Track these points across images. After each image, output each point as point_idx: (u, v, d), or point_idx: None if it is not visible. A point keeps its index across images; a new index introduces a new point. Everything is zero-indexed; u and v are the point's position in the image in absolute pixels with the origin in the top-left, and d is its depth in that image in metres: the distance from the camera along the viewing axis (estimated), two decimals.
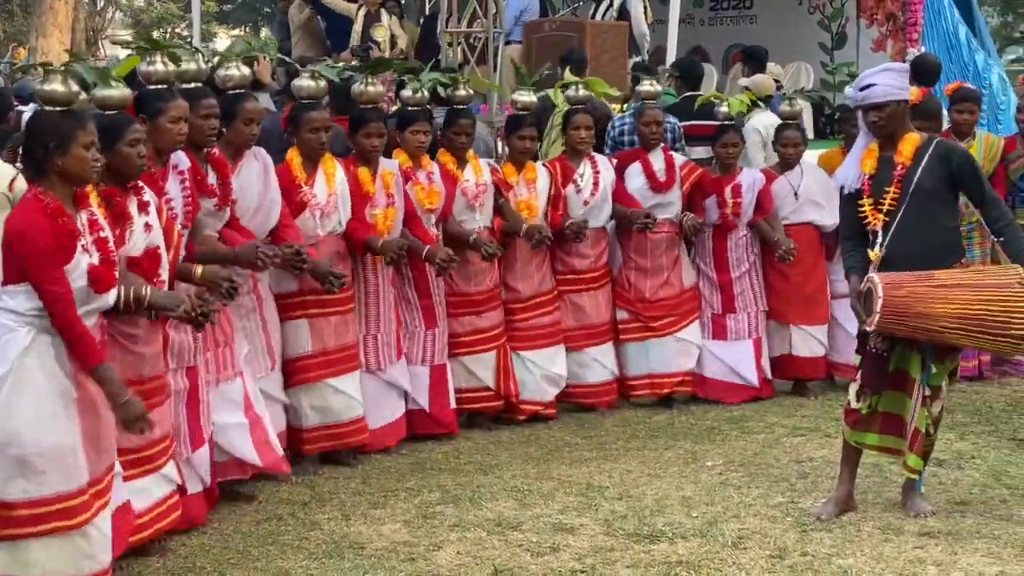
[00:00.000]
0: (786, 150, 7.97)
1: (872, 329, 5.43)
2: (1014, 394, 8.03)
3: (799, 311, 8.00)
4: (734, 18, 14.45)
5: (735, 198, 7.78)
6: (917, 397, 5.59)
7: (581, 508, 5.84)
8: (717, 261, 7.90)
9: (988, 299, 5.33)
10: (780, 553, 5.20)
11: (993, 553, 5.13)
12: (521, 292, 7.41)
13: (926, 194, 5.51)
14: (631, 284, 7.76)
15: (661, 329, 7.79)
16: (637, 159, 7.78)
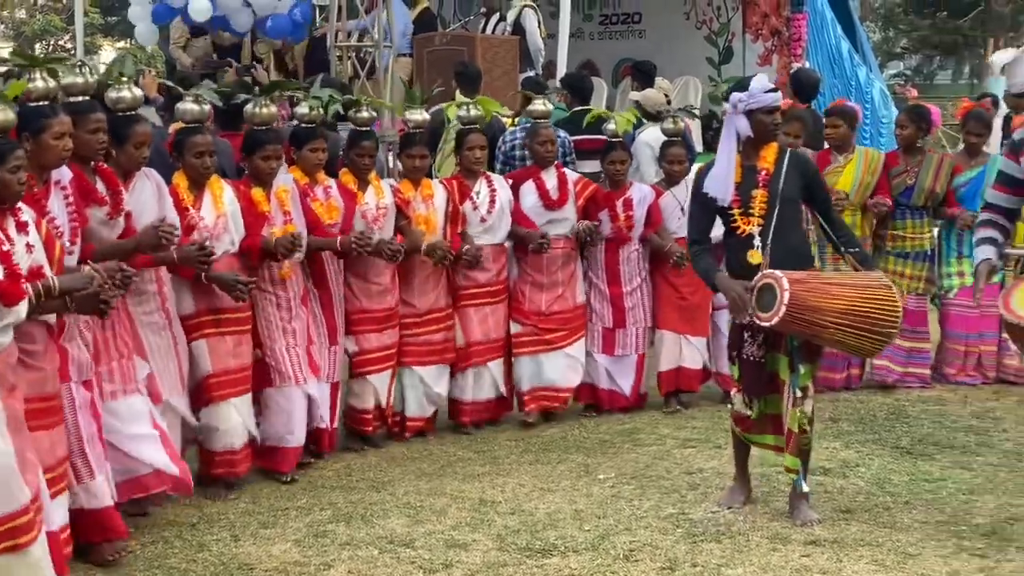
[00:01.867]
0: (672, 166, 8.06)
1: (772, 324, 5.51)
2: (896, 403, 8.19)
3: (685, 321, 8.09)
4: (623, 33, 14.57)
5: (627, 212, 7.85)
6: (788, 398, 5.76)
7: (474, 523, 5.84)
8: (609, 275, 7.96)
9: (866, 297, 5.56)
10: (671, 565, 5.25)
11: (877, 560, 5.23)
12: (418, 307, 7.39)
13: (787, 201, 5.75)
14: (526, 297, 7.79)
15: (555, 343, 7.83)
16: (530, 177, 7.82)
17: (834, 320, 5.51)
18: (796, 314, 5.46)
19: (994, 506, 5.94)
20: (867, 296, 5.57)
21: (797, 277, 5.54)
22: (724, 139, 5.79)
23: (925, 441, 7.19)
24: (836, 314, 5.51)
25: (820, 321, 5.50)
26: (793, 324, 5.52)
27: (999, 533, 5.54)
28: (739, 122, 5.74)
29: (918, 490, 6.22)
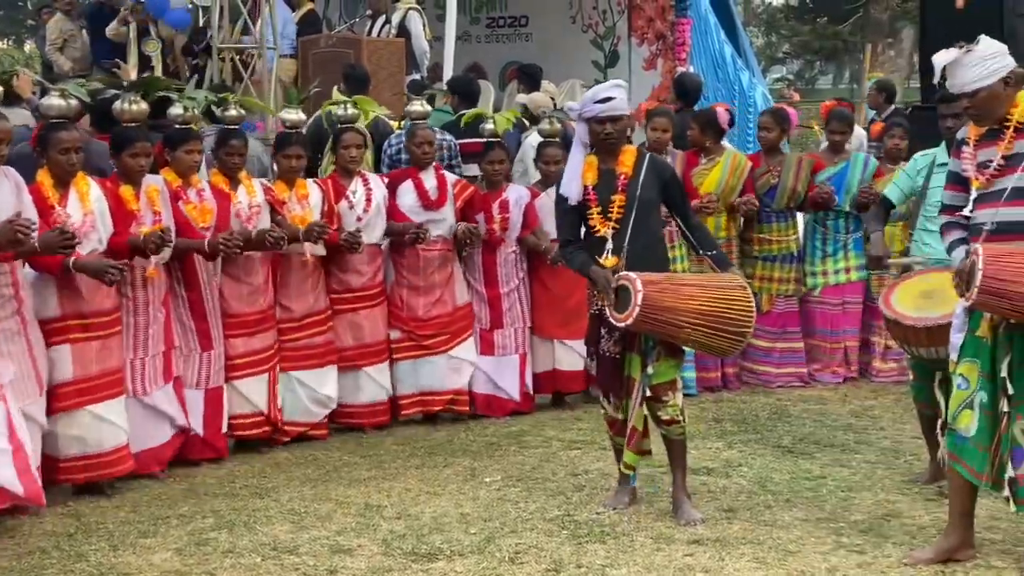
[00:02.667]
0: (548, 167, 8.10)
1: (627, 324, 5.61)
2: (778, 403, 8.32)
3: (562, 325, 8.12)
4: (510, 36, 14.59)
5: (502, 214, 7.87)
6: (636, 397, 5.88)
7: (359, 529, 5.80)
8: (487, 277, 7.97)
9: (720, 298, 5.71)
10: (556, 566, 5.26)
11: (758, 558, 5.29)
12: (295, 311, 7.32)
13: (645, 204, 5.87)
14: (404, 303, 7.76)
15: (434, 347, 7.81)
16: (408, 177, 7.80)
17: (689, 320, 5.65)
18: (650, 315, 5.58)
19: (872, 503, 6.05)
20: (721, 296, 5.73)
21: (651, 279, 5.65)
22: (574, 143, 5.96)
23: (806, 440, 7.31)
24: (691, 314, 5.65)
25: (675, 321, 5.64)
26: (647, 324, 5.64)
27: (876, 529, 5.64)
28: (580, 128, 5.91)
29: (799, 488, 6.32)
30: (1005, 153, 5.01)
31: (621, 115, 5.89)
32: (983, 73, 4.98)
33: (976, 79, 4.99)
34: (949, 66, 5.04)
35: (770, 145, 8.86)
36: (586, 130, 5.89)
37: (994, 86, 5.00)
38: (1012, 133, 5.01)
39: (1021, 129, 5.01)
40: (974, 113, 5.09)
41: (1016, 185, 4.96)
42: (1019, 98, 5.04)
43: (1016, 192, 4.96)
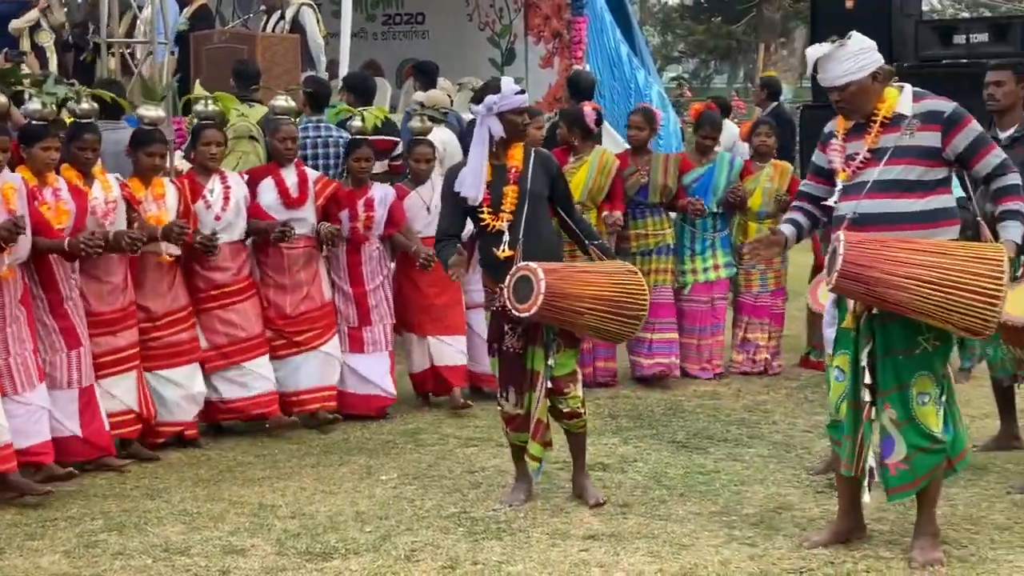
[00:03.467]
0: (418, 165, 8.10)
1: (530, 314, 5.64)
2: (673, 398, 8.40)
3: (436, 322, 8.12)
4: (407, 33, 14.55)
5: (367, 212, 7.83)
6: (540, 389, 5.94)
7: (253, 529, 5.74)
8: (352, 274, 7.90)
9: (613, 283, 5.83)
10: (452, 564, 5.26)
11: (652, 552, 5.34)
12: (153, 310, 7.15)
13: (536, 197, 5.97)
14: (271, 302, 7.65)
15: (306, 343, 7.73)
16: (269, 174, 7.70)
17: (589, 307, 5.75)
18: (553, 303, 5.63)
19: (763, 496, 6.14)
20: (615, 282, 5.85)
21: (551, 267, 5.72)
22: (477, 140, 5.97)
23: (700, 435, 7.39)
24: (590, 301, 5.74)
25: (576, 308, 5.72)
26: (550, 313, 5.68)
27: (768, 522, 5.72)
28: (492, 123, 5.92)
29: (692, 483, 6.38)
30: (871, 147, 5.16)
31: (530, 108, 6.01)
32: (853, 68, 5.12)
33: (846, 73, 5.13)
34: (821, 60, 5.18)
35: (641, 144, 8.95)
36: (500, 125, 5.92)
37: (863, 81, 5.13)
38: (878, 128, 5.16)
39: (887, 124, 5.15)
40: (843, 107, 5.23)
41: (878, 178, 5.12)
42: (886, 94, 5.19)
43: (877, 185, 5.11)
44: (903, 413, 5.11)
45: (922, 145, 5.10)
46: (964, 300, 4.89)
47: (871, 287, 4.97)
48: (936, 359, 5.14)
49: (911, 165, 5.09)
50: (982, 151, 5.13)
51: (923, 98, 5.20)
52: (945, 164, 5.14)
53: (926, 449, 5.11)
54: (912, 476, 5.14)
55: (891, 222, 5.08)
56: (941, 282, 4.89)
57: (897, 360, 5.12)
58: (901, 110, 5.16)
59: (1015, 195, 5.14)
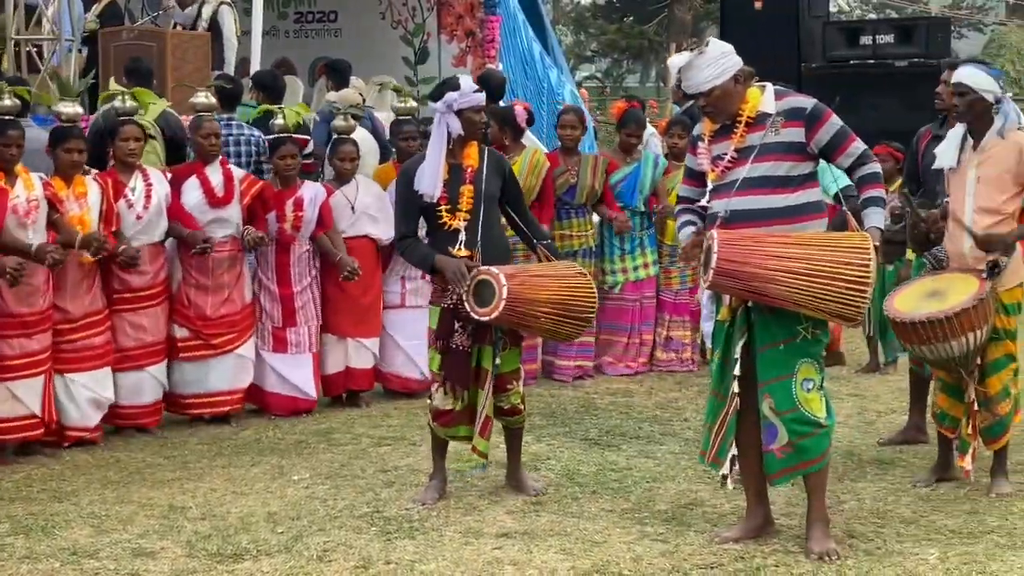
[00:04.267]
0: (343, 164, 8.07)
1: (490, 319, 5.70)
2: (586, 396, 8.45)
3: (356, 324, 8.10)
4: (319, 31, 14.49)
5: (296, 212, 7.77)
6: (488, 386, 5.98)
7: (162, 531, 5.68)
8: (279, 275, 7.85)
9: (565, 286, 5.88)
10: (365, 563, 5.24)
11: (565, 549, 5.36)
12: (71, 312, 7.03)
13: (490, 197, 6.02)
14: (191, 301, 7.58)
15: (222, 346, 7.65)
16: (193, 173, 7.61)
17: (544, 310, 5.81)
18: (513, 308, 5.69)
19: (675, 492, 6.19)
20: (568, 285, 5.91)
21: (510, 272, 5.78)
22: (435, 137, 5.97)
23: (612, 432, 7.43)
24: (545, 304, 5.81)
25: (534, 312, 5.79)
26: (509, 317, 5.74)
27: (679, 518, 5.77)
28: (451, 121, 5.93)
29: (605, 480, 6.42)
30: (737, 146, 5.30)
31: None
32: (715, 73, 5.26)
33: (709, 79, 5.26)
34: (684, 69, 5.34)
35: (575, 143, 8.99)
36: (459, 123, 5.93)
37: (726, 84, 5.27)
38: (743, 128, 5.29)
39: (752, 123, 5.29)
40: (710, 111, 5.36)
41: (747, 176, 5.26)
42: (749, 94, 5.32)
43: (747, 182, 5.25)
44: (785, 402, 5.23)
45: (787, 141, 5.25)
46: (836, 289, 5.06)
47: (747, 282, 5.12)
48: (816, 345, 5.30)
49: (778, 161, 5.25)
50: (844, 143, 5.30)
51: (785, 96, 5.36)
52: (810, 158, 5.31)
53: (810, 434, 5.25)
54: (797, 459, 5.27)
55: (762, 218, 5.22)
56: (813, 273, 5.06)
57: (778, 350, 5.26)
58: (765, 109, 5.30)
59: (877, 183, 5.34)
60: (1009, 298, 6.05)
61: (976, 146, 6.04)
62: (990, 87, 5.98)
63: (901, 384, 8.37)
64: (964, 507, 5.90)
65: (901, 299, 6.05)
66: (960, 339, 5.78)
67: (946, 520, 5.70)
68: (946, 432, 6.26)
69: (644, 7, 32.93)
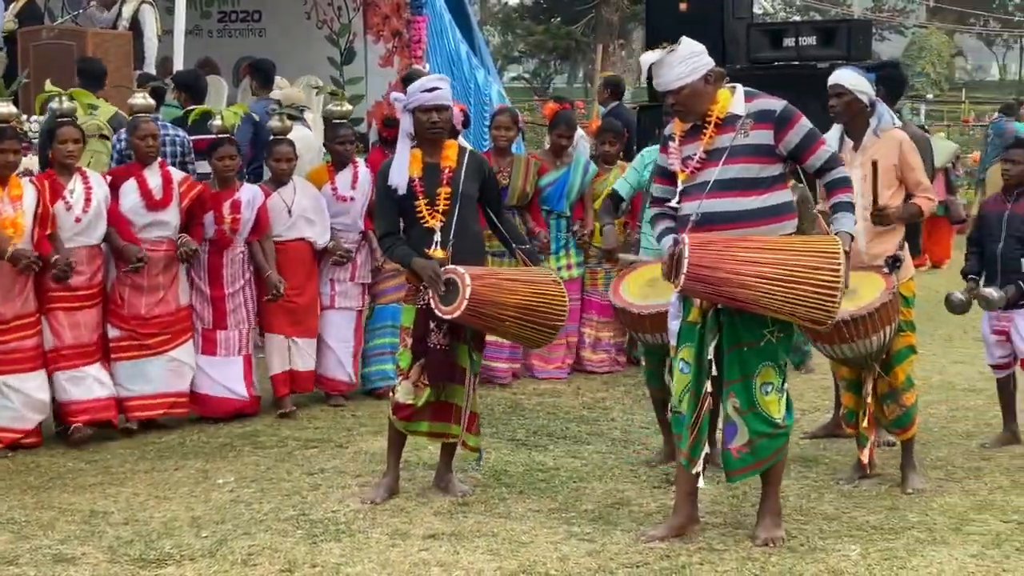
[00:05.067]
0: (279, 165, 8.01)
1: (453, 317, 5.73)
2: (513, 397, 8.46)
3: (293, 324, 8.05)
4: (243, 31, 14.36)
5: (234, 214, 7.71)
6: (469, 384, 6.04)
7: (84, 536, 5.60)
8: (212, 277, 7.78)
9: (536, 292, 5.90)
10: (290, 567, 5.20)
11: (492, 550, 5.36)
12: (3, 314, 6.94)
13: (468, 198, 6.03)
14: (125, 301, 7.49)
15: (156, 347, 7.58)
16: (131, 175, 7.53)
17: (511, 315, 5.84)
18: (477, 309, 5.71)
19: (602, 492, 6.21)
20: (539, 291, 5.92)
21: (477, 273, 5.79)
22: (400, 135, 6.02)
23: (540, 433, 7.45)
24: (513, 308, 5.83)
25: (498, 315, 5.81)
26: (472, 318, 5.77)
27: (606, 517, 5.79)
28: (404, 120, 5.99)
29: (532, 480, 6.43)
30: (707, 147, 5.31)
31: (447, 105, 6.00)
32: (685, 71, 5.27)
33: (679, 77, 5.27)
34: (654, 66, 5.34)
35: (508, 144, 8.98)
36: (411, 121, 5.94)
37: (695, 84, 5.28)
38: (713, 128, 5.31)
39: (721, 124, 5.30)
40: (679, 110, 5.36)
41: (718, 178, 5.27)
42: (719, 95, 5.33)
43: (718, 184, 5.26)
44: (746, 402, 5.31)
45: (756, 143, 5.27)
46: (806, 293, 5.10)
47: (717, 287, 5.13)
48: (779, 349, 5.35)
49: (748, 164, 5.26)
50: (813, 146, 5.33)
51: (755, 97, 5.37)
52: (780, 160, 5.32)
53: (768, 434, 5.33)
54: (753, 459, 5.35)
55: (733, 220, 5.24)
56: (784, 278, 5.09)
57: (743, 352, 5.31)
58: (734, 110, 5.31)
59: (846, 187, 5.38)
60: (907, 290, 6.20)
61: (856, 147, 6.18)
62: (865, 89, 6.15)
63: (823, 383, 8.48)
64: (885, 503, 5.97)
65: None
66: (879, 333, 5.89)
67: (867, 516, 5.77)
68: (852, 430, 6.39)
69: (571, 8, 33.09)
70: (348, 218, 8.18)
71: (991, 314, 6.99)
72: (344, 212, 8.16)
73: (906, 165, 6.16)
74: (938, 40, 35.89)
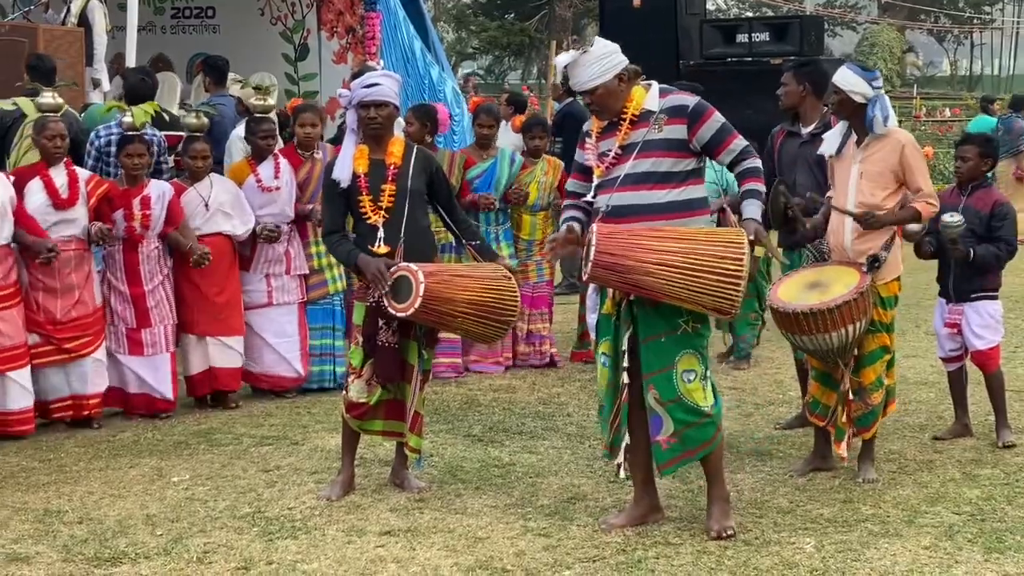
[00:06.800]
0: (194, 162, 7.99)
1: (407, 314, 5.73)
2: (469, 393, 8.45)
3: (214, 323, 8.01)
4: (196, 27, 14.27)
5: (144, 210, 7.65)
6: (415, 382, 6.04)
7: (37, 535, 5.57)
8: (129, 275, 7.71)
9: (487, 288, 5.89)
10: (246, 564, 5.20)
11: (449, 546, 5.37)
12: None
13: (415, 194, 6.02)
14: (40, 306, 7.38)
15: (77, 350, 7.48)
16: (37, 174, 7.42)
17: (463, 310, 5.83)
18: (430, 306, 5.71)
19: (558, 487, 6.23)
20: (491, 287, 5.91)
21: (430, 270, 5.79)
22: (347, 130, 6.04)
23: (496, 428, 7.45)
24: (465, 304, 5.82)
25: (451, 311, 5.81)
26: (425, 315, 5.77)
27: (562, 512, 5.81)
28: (350, 116, 6.00)
29: (488, 476, 6.44)
30: (621, 143, 5.41)
31: (386, 101, 5.97)
32: (599, 71, 5.36)
33: (593, 77, 5.37)
34: (569, 67, 5.46)
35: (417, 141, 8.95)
36: (355, 117, 5.96)
37: (609, 83, 5.38)
38: (628, 125, 5.40)
39: (636, 120, 5.40)
40: (595, 108, 5.47)
41: (629, 172, 5.37)
42: (634, 93, 5.42)
43: (628, 178, 5.37)
44: (667, 392, 5.36)
45: (670, 138, 5.36)
46: (710, 282, 5.19)
47: (624, 275, 5.22)
48: (697, 338, 5.41)
49: (660, 158, 5.35)
50: (726, 140, 5.42)
51: (669, 94, 5.47)
52: (693, 155, 5.42)
53: (694, 423, 5.39)
54: (682, 448, 5.41)
55: (643, 213, 5.33)
56: (688, 266, 5.18)
57: (660, 342, 5.37)
58: (649, 106, 5.41)
59: (756, 177, 5.46)
60: (887, 291, 6.20)
61: (860, 143, 6.20)
62: (860, 88, 6.14)
63: (777, 376, 8.55)
64: (839, 496, 6.02)
65: (784, 289, 6.17)
66: (840, 331, 5.92)
67: (822, 509, 5.82)
68: (816, 420, 6.41)
69: (525, 4, 33.13)
70: (276, 207, 8.17)
71: (943, 307, 7.05)
72: (271, 202, 8.16)
73: (907, 168, 6.11)
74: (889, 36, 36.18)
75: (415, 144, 6.32)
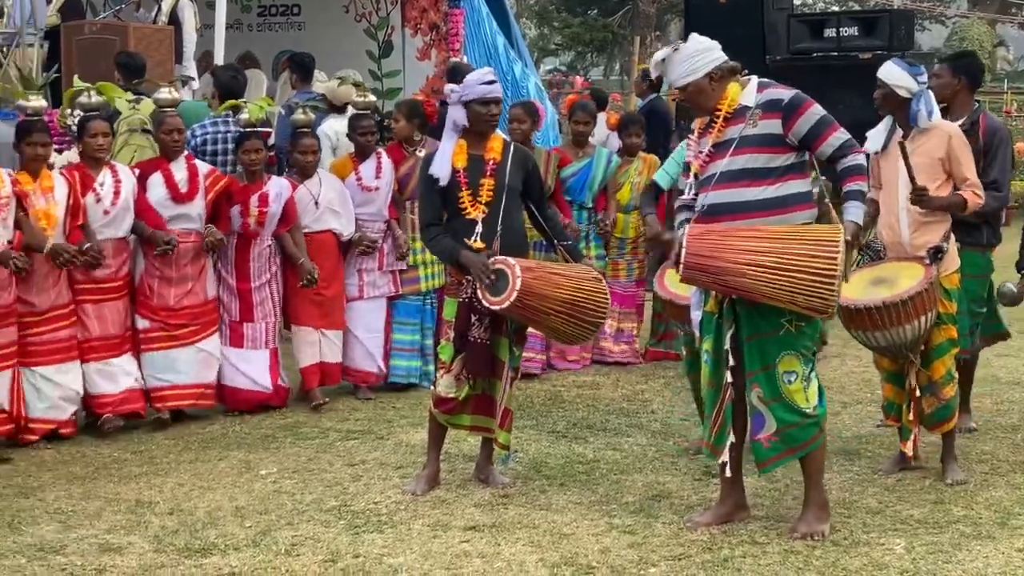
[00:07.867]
0: (304, 157, 8.03)
1: (501, 308, 5.74)
2: (553, 389, 8.45)
3: (321, 316, 8.07)
4: (282, 24, 14.40)
5: (261, 207, 7.73)
6: (506, 379, 6.06)
7: (129, 526, 5.66)
8: (238, 270, 7.80)
9: (580, 288, 5.90)
10: (333, 557, 5.24)
11: (534, 542, 5.37)
12: (37, 305, 6.99)
13: (512, 190, 6.03)
14: (154, 292, 7.52)
15: (184, 338, 7.60)
16: (158, 168, 7.55)
17: (556, 308, 5.84)
18: (525, 301, 5.72)
19: (642, 484, 6.21)
20: (583, 287, 5.92)
21: (527, 265, 5.81)
22: (446, 127, 6.04)
23: (579, 425, 7.45)
24: (558, 303, 5.83)
25: (544, 308, 5.81)
26: (519, 310, 5.78)
27: (647, 510, 5.79)
28: (456, 112, 5.98)
29: (572, 472, 6.43)
30: (716, 140, 5.37)
31: (501, 98, 6.05)
32: (688, 69, 5.35)
33: (683, 76, 5.37)
34: (662, 64, 5.38)
35: (523, 138, 8.91)
36: (464, 113, 5.96)
37: (699, 81, 5.36)
38: (722, 122, 5.36)
39: (730, 117, 5.36)
40: (688, 106, 5.51)
41: (724, 170, 5.33)
42: (729, 89, 5.38)
43: (723, 176, 5.33)
44: (770, 392, 5.33)
45: (764, 133, 5.31)
46: (803, 281, 5.14)
47: (716, 276, 5.21)
48: (800, 338, 5.35)
49: (755, 154, 5.30)
50: (824, 133, 5.33)
51: (766, 88, 5.41)
52: (791, 149, 5.35)
53: (796, 423, 5.35)
54: (784, 446, 5.38)
55: (740, 211, 5.29)
56: (779, 266, 5.14)
57: (762, 341, 5.34)
58: (744, 102, 5.37)
59: (857, 175, 5.37)
60: (949, 283, 6.16)
61: (905, 136, 6.13)
62: (904, 83, 6.09)
63: (865, 375, 8.44)
64: (929, 497, 5.94)
65: (848, 288, 6.10)
66: (914, 322, 5.86)
67: (912, 510, 5.74)
68: (892, 423, 6.37)
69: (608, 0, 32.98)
70: (373, 207, 8.21)
71: None
72: (369, 202, 8.20)
73: (954, 159, 6.10)
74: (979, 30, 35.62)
75: (512, 141, 6.33)
